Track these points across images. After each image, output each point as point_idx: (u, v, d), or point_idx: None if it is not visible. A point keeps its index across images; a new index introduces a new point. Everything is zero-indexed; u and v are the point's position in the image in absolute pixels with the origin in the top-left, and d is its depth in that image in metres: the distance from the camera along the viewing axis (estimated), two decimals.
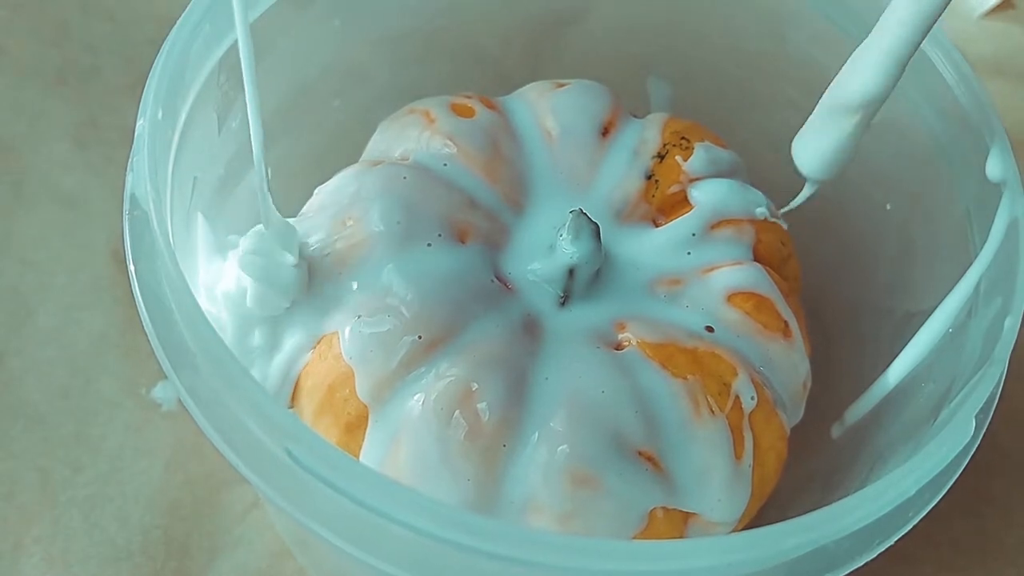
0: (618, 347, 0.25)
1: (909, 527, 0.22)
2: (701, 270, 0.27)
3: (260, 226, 0.24)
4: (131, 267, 0.22)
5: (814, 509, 0.21)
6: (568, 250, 0.25)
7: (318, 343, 0.25)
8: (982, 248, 0.26)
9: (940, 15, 0.23)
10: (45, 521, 0.29)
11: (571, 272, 0.25)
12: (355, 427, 0.24)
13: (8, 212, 0.34)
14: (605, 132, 0.28)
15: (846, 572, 0.21)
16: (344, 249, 0.25)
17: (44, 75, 0.37)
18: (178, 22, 0.25)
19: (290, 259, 0.24)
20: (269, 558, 0.30)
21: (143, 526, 0.30)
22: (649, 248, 0.27)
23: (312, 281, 0.25)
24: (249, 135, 0.27)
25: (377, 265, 0.24)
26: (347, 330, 0.24)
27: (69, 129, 0.37)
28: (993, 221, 0.26)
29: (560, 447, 0.23)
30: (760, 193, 0.29)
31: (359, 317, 0.24)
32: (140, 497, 0.30)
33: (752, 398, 0.25)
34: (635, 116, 0.30)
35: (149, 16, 0.39)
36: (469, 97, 0.29)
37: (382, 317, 0.24)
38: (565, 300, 0.26)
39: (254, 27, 0.26)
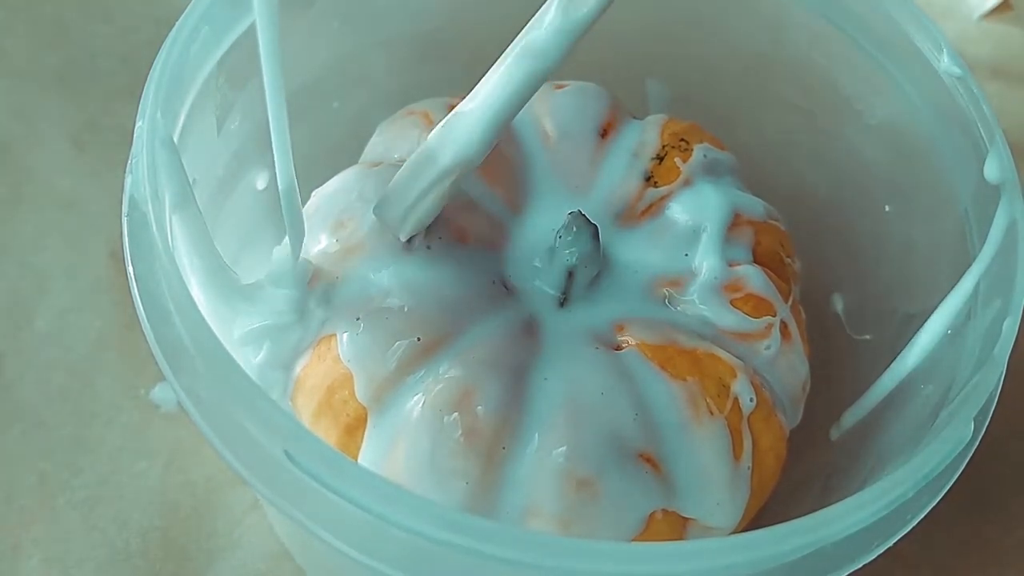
0: (617, 348, 0.25)
1: (908, 529, 0.22)
2: (700, 271, 0.27)
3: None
4: (130, 268, 0.22)
5: (813, 511, 0.21)
6: (567, 252, 0.25)
7: (316, 345, 0.25)
8: (981, 249, 0.26)
9: (539, 86, 0.23)
10: (44, 523, 0.29)
11: (570, 274, 0.25)
12: (354, 429, 0.24)
13: (6, 214, 0.34)
14: (604, 133, 0.28)
15: (845, 574, 0.21)
16: (342, 251, 0.25)
17: (42, 76, 0.37)
18: (177, 24, 0.25)
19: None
20: (268, 560, 0.30)
21: (142, 528, 0.30)
22: (648, 250, 0.27)
23: (311, 283, 0.25)
24: (248, 136, 0.27)
25: (376, 267, 0.24)
26: (345, 332, 0.24)
27: (68, 131, 0.37)
28: (992, 223, 0.26)
29: (559, 449, 0.23)
30: (756, 198, 0.29)
31: (357, 319, 0.24)
32: (139, 499, 0.30)
33: (751, 399, 0.25)
34: (635, 117, 0.30)
35: (148, 17, 0.39)
36: None
37: (381, 319, 0.24)
38: (564, 302, 0.26)
39: (253, 29, 0.26)
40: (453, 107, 0.28)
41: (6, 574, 0.29)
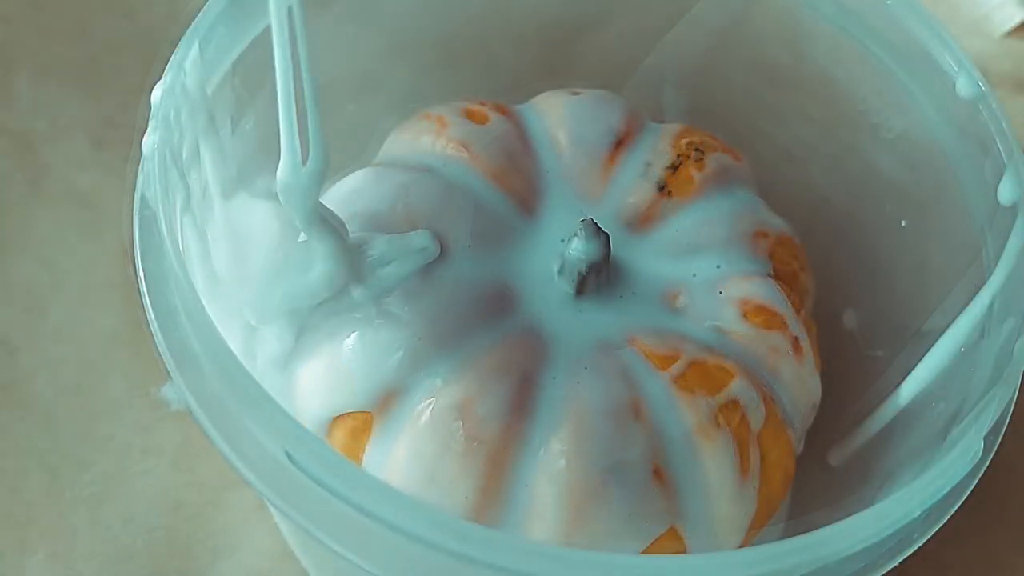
0: (625, 358, 0.25)
1: (915, 548, 0.22)
2: (712, 282, 0.26)
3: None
4: (138, 267, 0.23)
5: (820, 527, 0.20)
6: (576, 259, 0.25)
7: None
8: (996, 267, 0.26)
9: None
10: (51, 518, 0.30)
11: (579, 281, 0.25)
12: (359, 432, 0.24)
13: (24, 209, 0.35)
14: (620, 142, 0.28)
15: None
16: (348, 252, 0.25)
17: (63, 73, 0.38)
18: (192, 24, 0.25)
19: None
20: (272, 560, 0.30)
21: (147, 525, 0.30)
22: (659, 259, 0.27)
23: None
24: (263, 138, 0.27)
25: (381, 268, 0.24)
26: (348, 334, 0.24)
27: (87, 128, 0.37)
28: (1007, 240, 0.26)
29: (562, 457, 0.23)
30: (770, 210, 0.28)
31: (359, 320, 0.24)
32: (145, 496, 0.30)
33: (760, 413, 0.25)
34: (652, 122, 0.30)
35: (170, 16, 0.39)
36: (483, 104, 0.29)
37: (383, 321, 0.24)
38: (573, 309, 0.26)
39: (269, 30, 0.27)
40: (467, 111, 0.28)
41: (12, 568, 0.29)
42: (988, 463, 0.23)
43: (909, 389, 0.27)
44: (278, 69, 0.21)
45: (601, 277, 0.25)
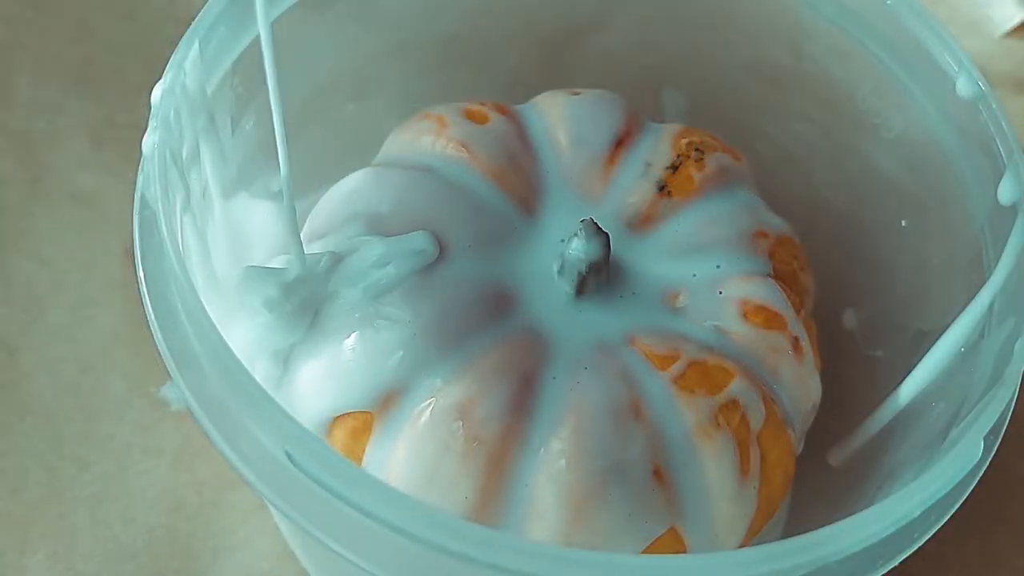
0: (625, 358, 0.25)
1: (914, 548, 0.22)
2: (712, 282, 0.26)
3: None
4: (138, 267, 0.23)
5: (820, 527, 0.20)
6: (576, 259, 0.25)
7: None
8: (996, 267, 0.26)
9: None
10: (51, 518, 0.30)
11: (579, 281, 0.25)
12: (360, 432, 0.24)
13: (24, 209, 0.35)
14: (620, 142, 0.28)
15: None
16: (348, 253, 0.25)
17: (63, 73, 0.38)
18: (193, 24, 0.25)
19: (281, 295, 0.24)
20: (272, 560, 0.30)
21: (148, 525, 0.30)
22: (659, 259, 0.27)
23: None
24: (263, 138, 0.27)
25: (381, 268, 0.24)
26: (348, 334, 0.24)
27: (87, 128, 0.37)
28: (1008, 240, 0.26)
29: (563, 457, 0.23)
30: (770, 210, 0.28)
31: (359, 320, 0.24)
32: (146, 496, 0.30)
33: (760, 413, 0.25)
34: (652, 122, 0.30)
35: (170, 16, 0.40)
36: (483, 104, 0.29)
37: (384, 322, 0.24)
38: (573, 309, 0.26)
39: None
40: (467, 111, 0.28)
41: (13, 568, 0.29)
42: (988, 463, 0.23)
43: (909, 389, 0.27)
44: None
45: (601, 277, 0.25)
